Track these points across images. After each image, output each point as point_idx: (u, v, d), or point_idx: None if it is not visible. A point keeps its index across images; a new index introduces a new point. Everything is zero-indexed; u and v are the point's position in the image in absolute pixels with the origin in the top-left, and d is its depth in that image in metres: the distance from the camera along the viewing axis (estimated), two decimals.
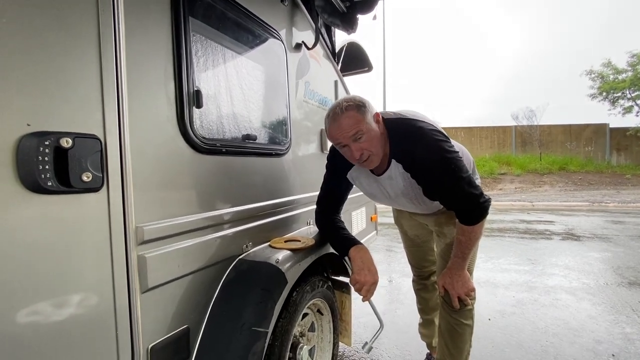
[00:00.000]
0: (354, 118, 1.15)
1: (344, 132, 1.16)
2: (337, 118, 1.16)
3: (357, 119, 1.15)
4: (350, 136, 1.15)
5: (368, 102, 1.20)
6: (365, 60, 3.06)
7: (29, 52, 0.66)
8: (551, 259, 3.91)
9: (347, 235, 1.38)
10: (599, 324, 2.36)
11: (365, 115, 1.16)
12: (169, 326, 0.95)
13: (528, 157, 13.51)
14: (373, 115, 1.20)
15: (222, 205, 1.16)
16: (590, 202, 8.28)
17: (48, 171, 0.66)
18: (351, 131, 1.15)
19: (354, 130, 1.14)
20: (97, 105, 0.76)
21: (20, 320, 0.64)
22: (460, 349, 1.48)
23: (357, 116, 1.15)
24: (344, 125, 1.15)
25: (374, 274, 1.27)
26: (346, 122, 1.15)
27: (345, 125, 1.15)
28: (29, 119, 0.65)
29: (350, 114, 1.15)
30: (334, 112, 1.18)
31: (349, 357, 2.03)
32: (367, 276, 1.25)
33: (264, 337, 1.01)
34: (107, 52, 0.79)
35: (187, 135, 1.01)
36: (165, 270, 0.93)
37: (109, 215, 0.78)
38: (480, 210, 1.22)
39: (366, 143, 1.17)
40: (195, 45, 1.07)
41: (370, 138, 1.17)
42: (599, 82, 14.45)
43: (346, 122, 1.15)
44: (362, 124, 1.15)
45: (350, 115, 1.15)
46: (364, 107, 1.17)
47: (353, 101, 1.18)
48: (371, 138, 1.17)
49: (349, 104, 1.16)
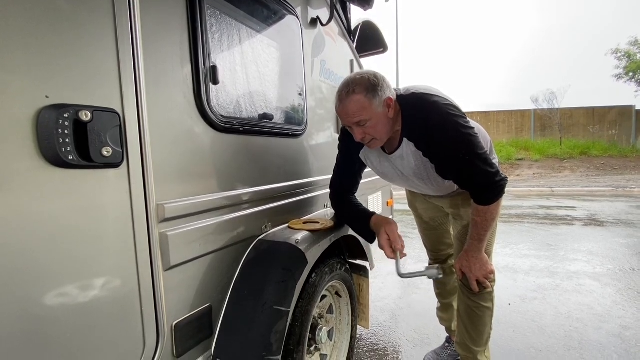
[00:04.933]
0: (360, 104, 1.10)
1: (348, 116, 1.13)
2: (343, 100, 1.12)
3: (362, 105, 1.10)
4: (354, 122, 1.13)
5: (382, 81, 1.13)
6: (381, 40, 2.95)
7: (44, 22, 0.64)
8: (573, 244, 3.80)
9: (364, 210, 1.36)
10: (626, 309, 2.28)
11: (373, 100, 1.10)
12: (192, 304, 0.95)
13: (547, 142, 13.04)
14: (384, 99, 1.13)
15: (240, 185, 1.14)
16: (613, 187, 7.95)
17: (69, 144, 0.65)
18: (355, 118, 1.12)
19: (357, 118, 1.11)
20: (115, 78, 0.74)
21: (45, 298, 0.65)
22: (481, 332, 1.45)
23: (364, 102, 1.10)
24: (348, 110, 1.12)
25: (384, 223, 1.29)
26: (351, 107, 1.11)
27: (349, 111, 1.11)
28: (48, 91, 0.64)
29: (357, 98, 1.10)
30: (341, 92, 1.14)
31: (366, 339, 2.04)
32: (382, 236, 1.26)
33: (286, 316, 1.00)
34: (123, 25, 0.76)
35: (205, 112, 0.99)
36: (187, 248, 0.92)
37: (130, 191, 0.77)
38: (496, 189, 1.17)
39: (370, 129, 1.14)
40: (210, 20, 1.03)
41: (375, 124, 1.13)
42: (625, 62, 13.71)
43: (351, 107, 1.11)
44: (368, 111, 1.10)
45: (356, 100, 1.10)
46: (374, 89, 1.10)
47: (364, 82, 1.11)
48: (376, 124, 1.13)
49: (358, 87, 1.10)
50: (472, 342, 1.46)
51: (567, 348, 1.87)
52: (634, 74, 13.57)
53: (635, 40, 13.29)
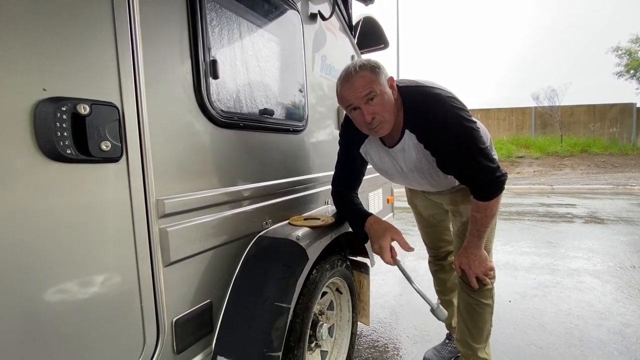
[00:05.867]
0: (368, 78, 1.09)
1: (356, 92, 1.09)
2: (349, 78, 1.11)
3: (370, 79, 1.09)
4: (363, 96, 1.09)
5: (382, 65, 1.14)
6: (381, 36, 2.93)
7: (41, 13, 0.63)
8: (574, 242, 3.79)
9: (363, 210, 1.34)
10: (626, 307, 2.28)
11: (380, 76, 1.11)
12: (192, 300, 0.95)
13: (548, 140, 13.02)
14: (388, 79, 1.14)
15: (240, 181, 1.13)
16: (614, 184, 7.95)
17: (67, 138, 0.64)
18: (364, 91, 1.08)
19: (367, 90, 1.08)
20: (114, 71, 0.73)
21: (43, 294, 0.64)
22: (481, 329, 1.45)
23: (371, 76, 1.10)
24: (356, 85, 1.09)
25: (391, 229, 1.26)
26: (359, 81, 1.09)
27: (358, 85, 1.09)
28: (45, 84, 0.62)
29: (364, 73, 1.10)
30: (346, 72, 1.13)
31: (367, 336, 2.04)
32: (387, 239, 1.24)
33: (287, 313, 1.00)
34: (122, 17, 0.75)
35: (204, 107, 0.98)
36: (187, 244, 0.91)
37: (129, 186, 0.76)
38: (496, 184, 1.17)
39: (379, 107, 1.10)
40: (210, 14, 1.02)
41: (383, 102, 1.11)
42: (627, 59, 13.66)
43: (359, 81, 1.09)
44: (376, 84, 1.09)
45: (364, 75, 1.09)
46: (378, 68, 1.12)
47: (367, 63, 1.12)
48: (384, 102, 1.11)
49: (363, 64, 1.11)
50: (472, 339, 1.46)
51: (568, 345, 1.87)
52: (635, 72, 13.53)
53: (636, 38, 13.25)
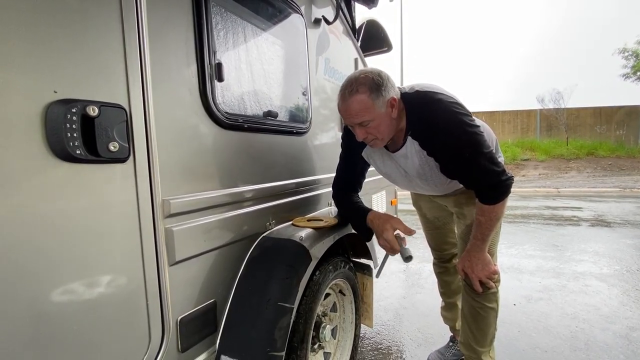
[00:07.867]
0: (362, 104, 1.08)
1: (350, 116, 1.11)
2: (346, 99, 1.10)
3: (365, 105, 1.08)
4: (356, 123, 1.12)
5: (386, 80, 1.11)
6: (385, 39, 2.94)
7: (51, 18, 0.65)
8: (580, 245, 3.76)
9: (362, 207, 1.34)
10: (633, 310, 2.25)
11: (377, 100, 1.08)
12: (196, 300, 0.96)
13: (553, 142, 12.91)
14: (388, 99, 1.10)
15: (245, 182, 1.15)
16: (621, 187, 7.86)
17: (76, 139, 0.66)
18: (357, 118, 1.10)
19: (360, 118, 1.10)
20: (122, 74, 0.75)
21: (51, 293, 0.65)
22: (485, 332, 1.44)
23: (367, 102, 1.08)
24: (350, 110, 1.10)
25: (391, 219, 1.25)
26: (354, 106, 1.09)
27: (352, 110, 1.10)
28: (56, 86, 0.64)
29: (360, 98, 1.07)
30: (344, 91, 1.11)
31: (370, 338, 2.03)
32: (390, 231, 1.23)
33: (290, 313, 1.01)
34: (130, 21, 0.77)
35: (210, 109, 0.99)
36: (192, 244, 0.93)
37: (136, 186, 0.78)
38: (501, 188, 1.16)
39: (372, 129, 1.12)
40: (215, 17, 1.04)
41: (377, 125, 1.12)
42: (633, 61, 13.53)
43: (354, 106, 1.09)
44: (370, 111, 1.08)
45: (359, 100, 1.08)
46: (378, 89, 1.08)
47: (367, 81, 1.08)
48: (378, 125, 1.12)
49: (362, 84, 1.08)
50: (476, 343, 1.45)
51: (573, 349, 1.85)
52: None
53: None
